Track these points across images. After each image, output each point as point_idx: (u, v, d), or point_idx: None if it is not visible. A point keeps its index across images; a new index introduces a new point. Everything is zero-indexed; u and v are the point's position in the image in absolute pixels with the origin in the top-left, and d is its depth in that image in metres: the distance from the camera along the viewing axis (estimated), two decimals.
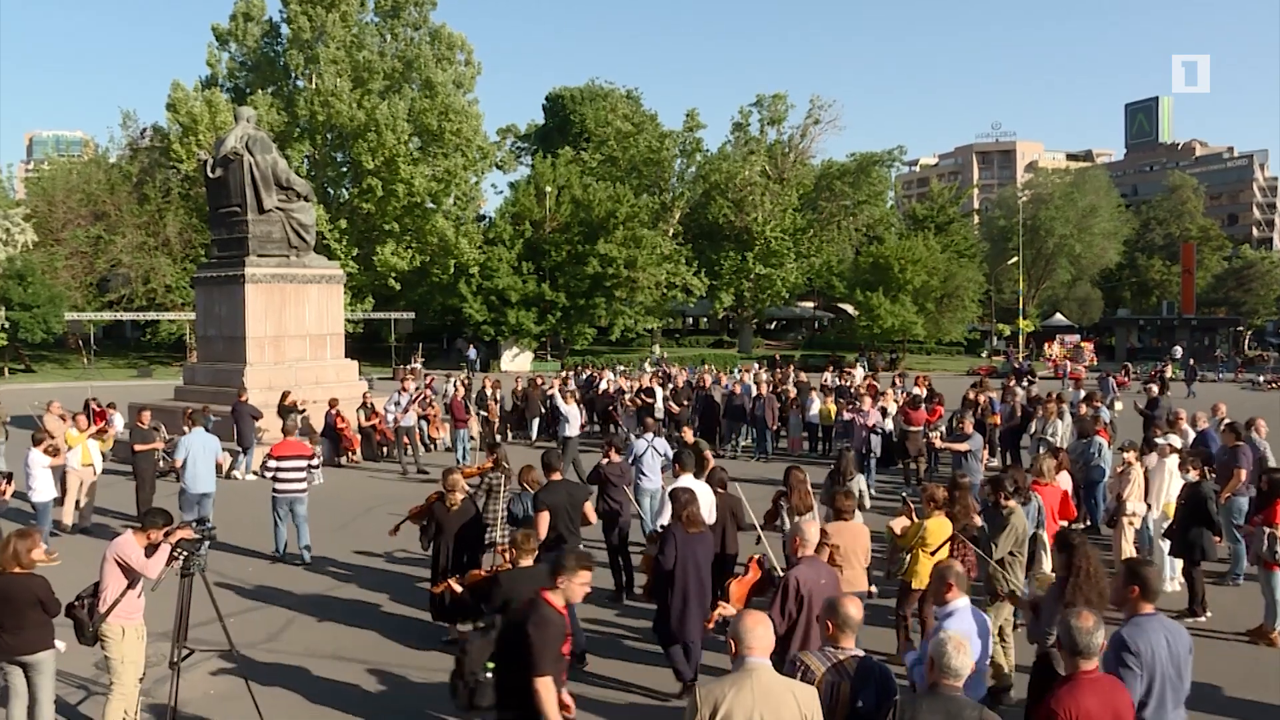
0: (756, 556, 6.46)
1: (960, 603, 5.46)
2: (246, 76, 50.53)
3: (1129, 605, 4.86)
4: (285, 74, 49.89)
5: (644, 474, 12.07)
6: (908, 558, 8.27)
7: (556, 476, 8.71)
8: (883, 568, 10.00)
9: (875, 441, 16.74)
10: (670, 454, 12.01)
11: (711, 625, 6.94)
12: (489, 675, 5.45)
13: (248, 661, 7.45)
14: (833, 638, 4.52)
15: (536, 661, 4.83)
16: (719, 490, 9.14)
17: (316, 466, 12.69)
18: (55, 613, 6.41)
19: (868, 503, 10.37)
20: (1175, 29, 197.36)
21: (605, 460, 10.33)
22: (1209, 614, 9.45)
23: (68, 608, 6.64)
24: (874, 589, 8.11)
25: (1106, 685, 4.18)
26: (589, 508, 8.73)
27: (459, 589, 7.50)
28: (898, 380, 27.10)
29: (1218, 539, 9.81)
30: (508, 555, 6.79)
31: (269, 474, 11.78)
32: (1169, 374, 35.52)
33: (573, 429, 17.77)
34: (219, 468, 13.99)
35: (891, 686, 4.35)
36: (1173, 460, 10.85)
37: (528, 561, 6.55)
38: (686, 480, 8.83)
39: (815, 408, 20.82)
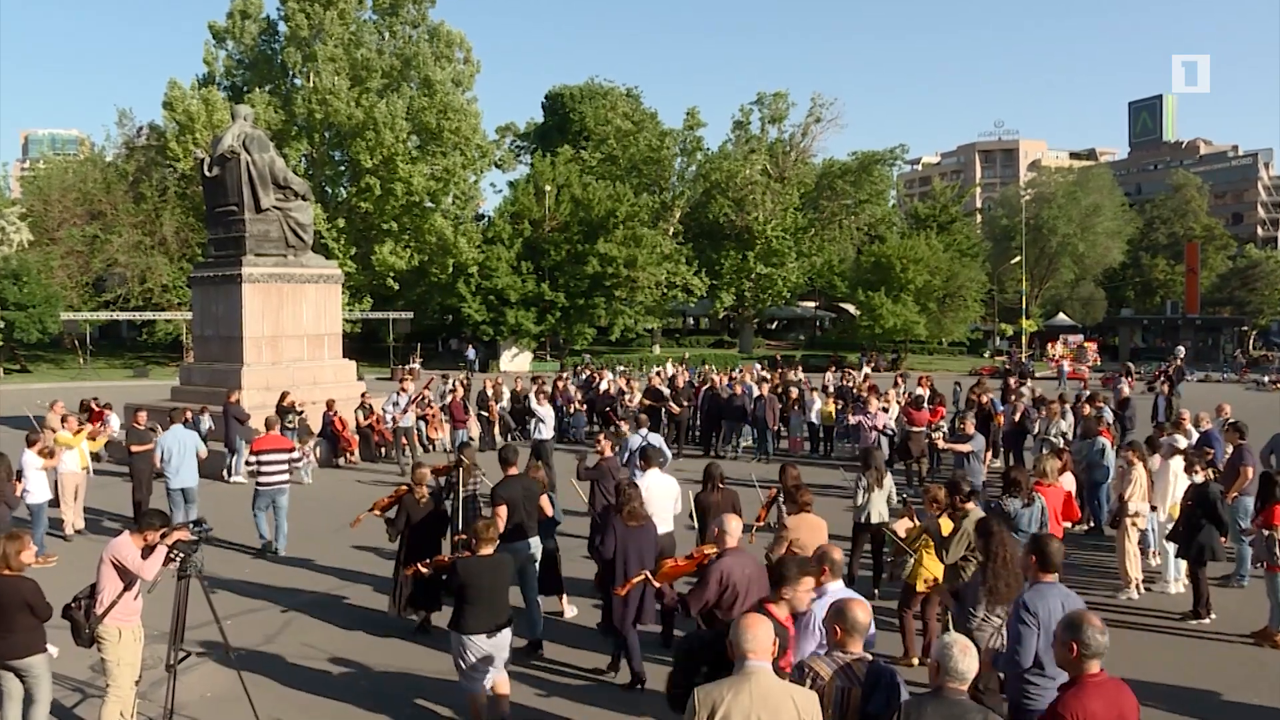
0: (705, 549, 6.66)
1: (833, 585, 5.75)
2: (244, 74, 50.53)
3: (1030, 573, 5.53)
4: (283, 72, 49.89)
5: (639, 470, 12.06)
6: (911, 560, 8.28)
7: (513, 471, 9.05)
8: (884, 569, 10.04)
9: (883, 444, 16.58)
10: (667, 451, 12.50)
11: (624, 592, 7.20)
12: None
13: (245, 664, 7.44)
14: (840, 642, 4.50)
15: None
16: (719, 486, 9.19)
17: (298, 462, 12.90)
18: (46, 617, 6.38)
19: (894, 502, 10.33)
20: (1179, 26, 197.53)
21: (598, 455, 10.45)
22: (1213, 616, 9.45)
23: (64, 609, 6.63)
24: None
25: (1111, 688, 4.18)
26: (545, 502, 9.04)
27: (427, 572, 7.78)
28: (899, 380, 27.09)
29: (1224, 539, 9.82)
30: (472, 544, 7.10)
31: (249, 468, 12.17)
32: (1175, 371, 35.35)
33: (547, 430, 17.34)
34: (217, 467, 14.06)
35: (900, 690, 4.35)
36: (1177, 461, 10.85)
37: (487, 550, 6.92)
38: (651, 475, 9.09)
39: (816, 408, 20.84)
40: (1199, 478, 10.13)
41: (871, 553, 10.27)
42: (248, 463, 12.39)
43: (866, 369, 33.51)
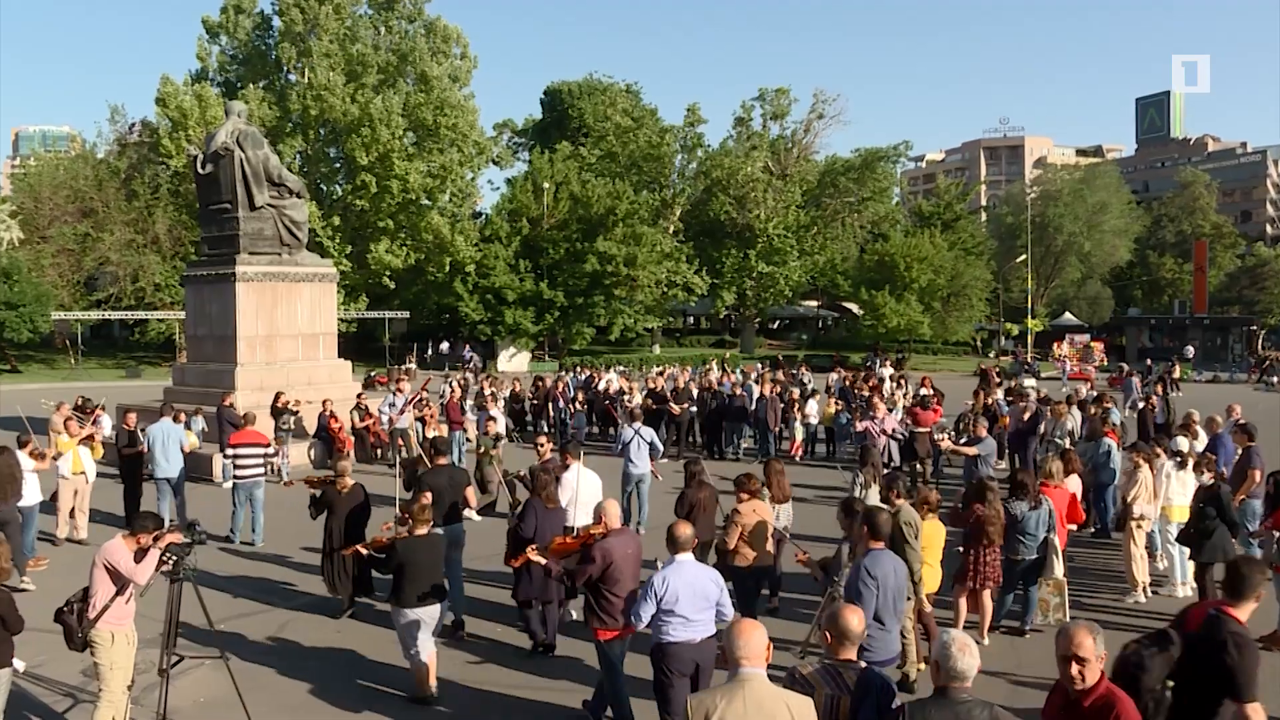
0: (592, 529, 7.34)
1: (681, 557, 6.43)
2: (237, 70, 50.56)
3: (862, 543, 6.49)
4: (277, 68, 49.91)
5: (631, 460, 13.34)
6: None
7: (442, 461, 9.99)
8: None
9: (893, 448, 16.11)
10: (658, 443, 14.04)
11: (517, 564, 7.97)
12: (1168, 693, 5.28)
13: (239, 667, 7.45)
14: (832, 649, 4.50)
15: (1244, 686, 4.64)
16: (703, 483, 9.62)
17: (273, 456, 13.76)
18: (16, 629, 6.29)
19: None
20: (1188, 21, 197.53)
21: (539, 459, 10.91)
22: None
23: (57, 613, 6.65)
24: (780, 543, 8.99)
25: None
26: (469, 492, 9.96)
27: (365, 553, 8.32)
28: (901, 381, 27.11)
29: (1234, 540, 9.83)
30: (408, 525, 7.85)
31: (227, 460, 12.96)
32: (1177, 374, 35.48)
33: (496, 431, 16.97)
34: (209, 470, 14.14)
35: (893, 698, 4.35)
36: (1168, 463, 10.84)
37: (422, 531, 7.72)
38: (575, 468, 9.77)
39: (814, 409, 20.79)
40: (1207, 479, 10.14)
41: None
42: (225, 455, 13.20)
43: (887, 369, 32.75)
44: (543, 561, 7.71)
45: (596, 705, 7.19)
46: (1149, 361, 44.78)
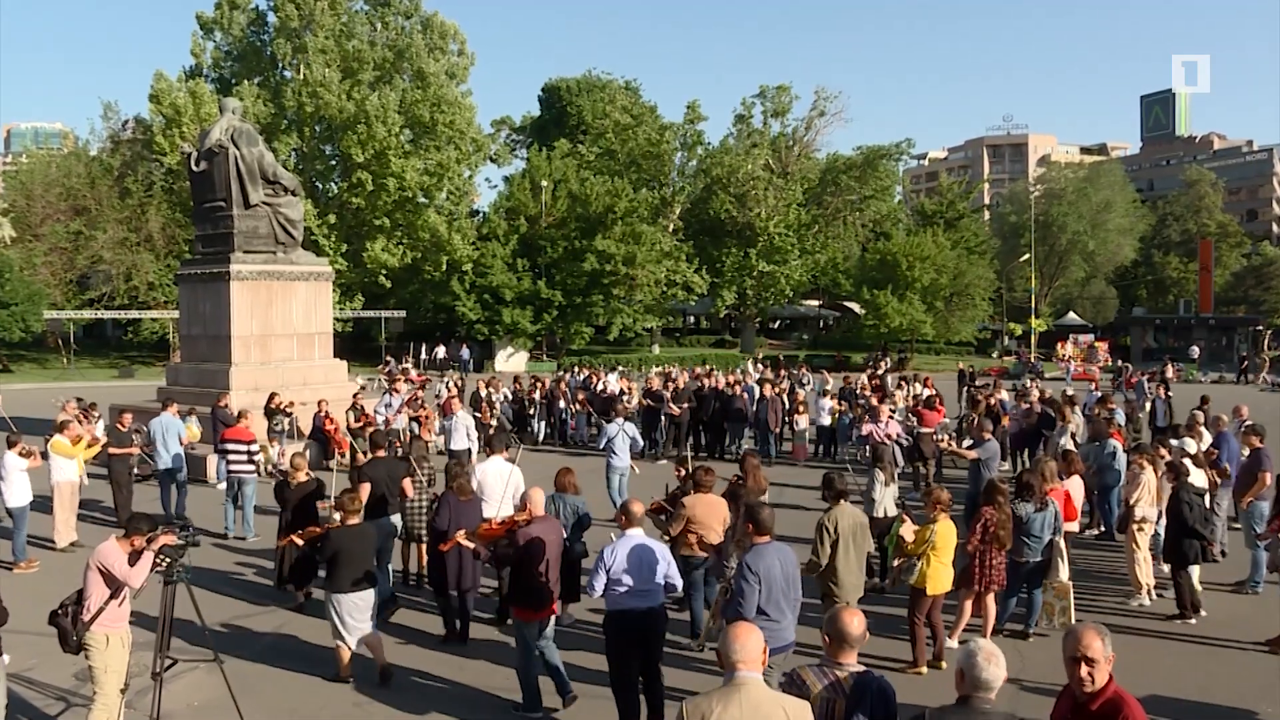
0: (517, 516, 7.91)
1: (633, 532, 6.96)
2: (232, 67, 50.55)
3: (747, 538, 6.73)
4: (272, 64, 49.91)
5: (615, 453, 14.26)
6: (920, 563, 8.33)
7: (380, 454, 10.59)
8: (886, 572, 10.09)
9: (896, 453, 15.43)
10: (638, 439, 15.13)
11: (447, 548, 8.53)
12: None
13: (233, 671, 7.44)
14: (831, 653, 4.50)
15: None
16: (684, 475, 9.86)
17: (257, 453, 14.04)
18: (2, 621, 6.37)
19: (898, 498, 11.15)
20: (1193, 18, 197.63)
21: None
22: (1203, 613, 9.64)
23: (51, 616, 6.65)
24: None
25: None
26: (407, 483, 10.27)
27: (300, 543, 8.75)
28: (902, 383, 27.10)
29: (1211, 545, 9.87)
30: (339, 515, 8.32)
31: (218, 456, 13.77)
32: (1169, 374, 35.28)
33: (458, 441, 16.49)
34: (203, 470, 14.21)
35: (890, 703, 4.34)
36: (1187, 464, 10.85)
37: (354, 520, 8.19)
38: (495, 461, 10.24)
39: (827, 407, 20.70)
40: (1200, 479, 10.18)
41: (878, 547, 10.40)
42: (216, 450, 14.05)
43: (885, 364, 32.54)
44: (471, 546, 8.35)
45: (561, 684, 7.54)
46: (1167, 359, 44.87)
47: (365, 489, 9.47)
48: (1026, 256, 59.15)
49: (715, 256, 53.74)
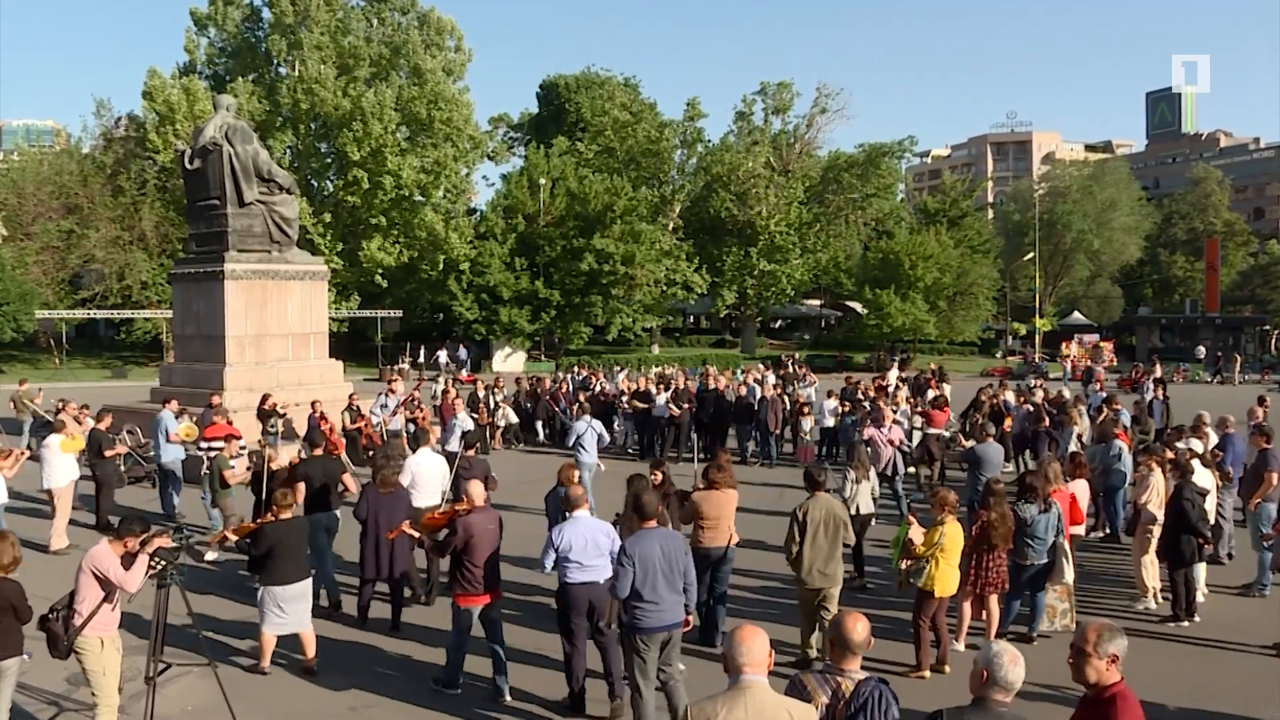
0: (458, 506, 8.43)
1: (577, 513, 7.68)
2: (226, 63, 50.48)
3: (634, 524, 7.26)
4: (267, 60, 49.85)
5: (583, 449, 14.97)
6: (929, 565, 8.35)
7: (318, 453, 11.06)
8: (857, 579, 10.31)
9: (899, 460, 14.89)
10: (605, 435, 16.12)
11: (393, 536, 9.17)
12: None
13: (227, 675, 7.45)
14: (833, 659, 4.50)
15: None
16: (660, 479, 9.80)
17: (244, 450, 14.37)
18: (26, 619, 6.45)
19: (876, 493, 11.53)
20: (1198, 14, 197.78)
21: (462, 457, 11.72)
22: (1197, 618, 9.67)
23: (41, 620, 6.65)
24: (735, 539, 9.36)
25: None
26: (348, 478, 10.86)
27: (234, 538, 9.10)
28: (901, 384, 27.09)
29: (1207, 545, 9.91)
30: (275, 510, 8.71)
31: (199, 451, 14.27)
32: (1158, 373, 35.27)
33: (454, 442, 16.19)
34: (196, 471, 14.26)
35: (891, 708, 4.35)
36: (1196, 463, 10.85)
37: (287, 515, 8.57)
38: (424, 453, 10.99)
39: (831, 408, 20.68)
40: (1207, 479, 10.19)
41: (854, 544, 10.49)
42: (199, 448, 14.32)
43: (894, 371, 32.35)
44: (415, 535, 9.13)
45: (500, 670, 8.02)
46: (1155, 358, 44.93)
47: (300, 488, 9.91)
48: (1030, 255, 59.19)
49: (715, 255, 53.73)
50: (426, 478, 10.63)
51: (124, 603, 6.93)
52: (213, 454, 13.58)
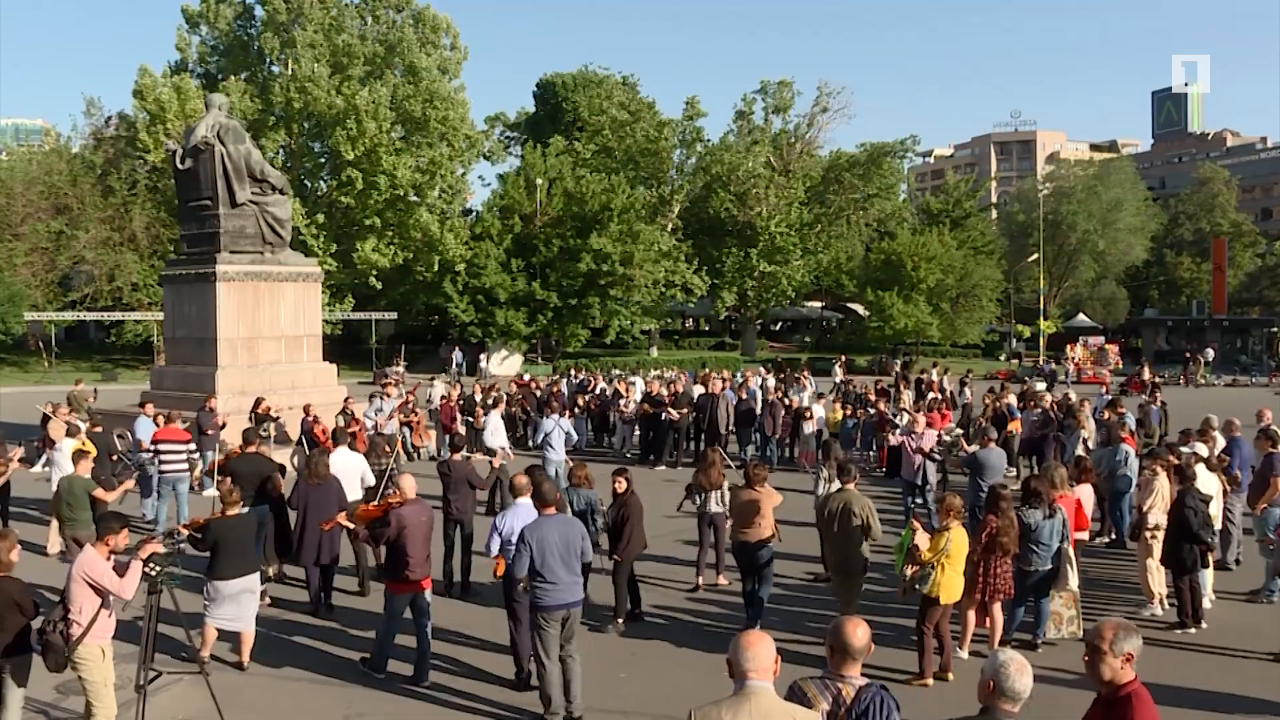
0: (391, 498, 9.25)
1: (519, 501, 8.55)
2: (218, 61, 50.50)
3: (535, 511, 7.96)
4: (259, 59, 49.87)
5: (551, 446, 15.70)
6: (935, 572, 8.35)
7: (251, 450, 11.78)
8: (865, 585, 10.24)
9: (929, 469, 14.09)
10: (574, 433, 17.14)
11: (329, 528, 9.82)
12: None
13: (219, 683, 7.45)
14: (833, 665, 4.51)
15: None
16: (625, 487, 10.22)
17: (195, 453, 15.07)
18: (31, 615, 6.47)
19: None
20: (1203, 13, 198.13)
21: (447, 459, 12.38)
22: (1203, 625, 9.65)
23: (39, 634, 6.63)
24: (778, 538, 10.06)
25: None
26: (277, 476, 11.23)
27: (187, 533, 9.21)
28: (901, 385, 27.15)
29: (1211, 552, 9.93)
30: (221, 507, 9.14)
31: (146, 454, 14.59)
32: (1146, 376, 35.36)
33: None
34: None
35: (893, 715, 4.35)
36: (1201, 468, 10.87)
37: (233, 511, 8.95)
38: (341, 452, 11.83)
39: (820, 416, 20.72)
40: (1212, 484, 10.20)
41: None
42: (145, 449, 14.70)
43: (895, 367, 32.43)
44: (351, 526, 9.78)
45: (423, 653, 8.49)
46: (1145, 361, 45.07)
47: (228, 482, 10.24)
48: (1035, 256, 59.22)
49: (715, 256, 53.74)
50: (342, 474, 11.20)
51: (118, 610, 6.93)
52: (164, 457, 13.99)
